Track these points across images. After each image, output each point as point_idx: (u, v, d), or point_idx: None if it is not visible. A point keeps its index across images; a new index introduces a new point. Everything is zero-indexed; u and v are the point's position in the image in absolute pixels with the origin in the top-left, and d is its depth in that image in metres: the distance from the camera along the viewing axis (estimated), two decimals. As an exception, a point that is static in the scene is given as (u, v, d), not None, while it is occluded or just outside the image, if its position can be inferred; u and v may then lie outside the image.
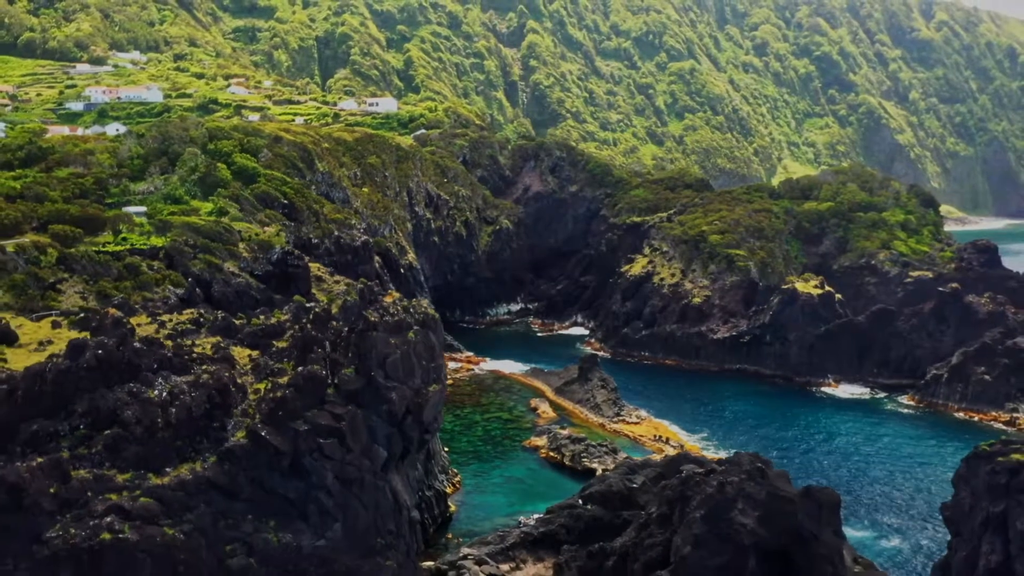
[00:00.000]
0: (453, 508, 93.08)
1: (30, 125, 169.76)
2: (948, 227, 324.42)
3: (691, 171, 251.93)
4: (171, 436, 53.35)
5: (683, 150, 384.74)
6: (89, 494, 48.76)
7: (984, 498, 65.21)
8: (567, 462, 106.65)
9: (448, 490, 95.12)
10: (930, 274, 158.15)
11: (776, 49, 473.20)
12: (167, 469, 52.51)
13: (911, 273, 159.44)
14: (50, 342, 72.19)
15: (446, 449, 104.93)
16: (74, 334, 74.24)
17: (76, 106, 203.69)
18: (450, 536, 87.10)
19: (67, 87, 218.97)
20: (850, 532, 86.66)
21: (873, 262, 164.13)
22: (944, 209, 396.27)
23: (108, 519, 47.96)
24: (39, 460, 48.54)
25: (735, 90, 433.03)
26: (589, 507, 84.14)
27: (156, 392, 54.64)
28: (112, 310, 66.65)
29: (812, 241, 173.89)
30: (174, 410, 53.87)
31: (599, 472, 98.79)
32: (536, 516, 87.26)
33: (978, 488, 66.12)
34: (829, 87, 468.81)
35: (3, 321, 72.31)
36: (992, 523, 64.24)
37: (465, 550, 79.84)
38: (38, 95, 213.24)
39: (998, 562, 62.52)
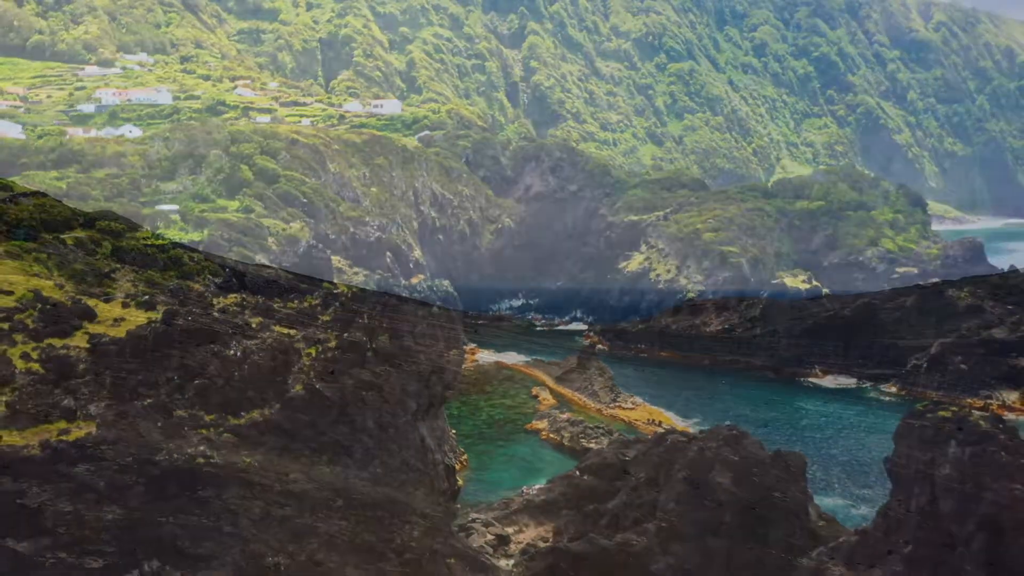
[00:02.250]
0: (460, 483, 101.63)
1: (49, 127, 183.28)
2: (946, 227, 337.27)
3: (690, 171, 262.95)
4: (244, 387, 68.90)
5: (682, 150, 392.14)
6: (186, 428, 64.32)
7: (916, 450, 78.93)
8: (566, 443, 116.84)
9: (456, 467, 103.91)
10: (915, 270, 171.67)
11: (775, 50, 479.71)
12: (242, 413, 68.05)
13: (897, 269, 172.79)
14: (123, 319, 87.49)
15: (453, 431, 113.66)
16: (140, 313, 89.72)
17: (87, 108, 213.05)
18: (458, 506, 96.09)
19: (76, 89, 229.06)
20: (824, 500, 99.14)
21: (861, 258, 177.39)
22: (942, 209, 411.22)
23: (201, 448, 63.56)
24: (148, 401, 64.02)
25: (734, 90, 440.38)
26: (586, 477, 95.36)
27: (232, 351, 70.40)
28: (196, 286, 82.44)
29: (803, 238, 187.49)
30: (246, 366, 69.56)
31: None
32: (537, 487, 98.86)
33: (912, 442, 79.81)
34: (827, 87, 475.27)
35: (82, 301, 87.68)
36: (922, 471, 78.20)
37: (473, 515, 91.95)
38: (48, 97, 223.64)
39: (926, 502, 76.56)
